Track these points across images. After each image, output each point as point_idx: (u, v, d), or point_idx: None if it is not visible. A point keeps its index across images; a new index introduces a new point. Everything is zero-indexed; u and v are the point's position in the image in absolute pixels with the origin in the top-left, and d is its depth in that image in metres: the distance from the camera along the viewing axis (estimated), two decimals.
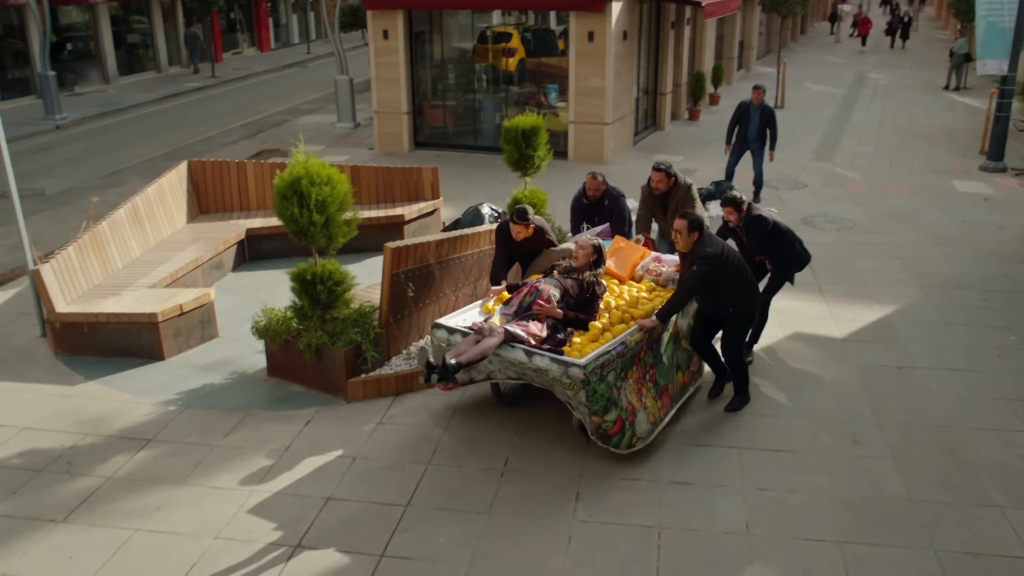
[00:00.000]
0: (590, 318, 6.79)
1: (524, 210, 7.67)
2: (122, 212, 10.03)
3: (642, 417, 6.49)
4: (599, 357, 6.17)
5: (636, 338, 6.54)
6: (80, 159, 17.93)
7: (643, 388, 6.62)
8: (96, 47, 27.54)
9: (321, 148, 17.96)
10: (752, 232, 7.65)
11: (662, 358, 6.92)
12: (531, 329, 6.43)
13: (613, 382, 6.29)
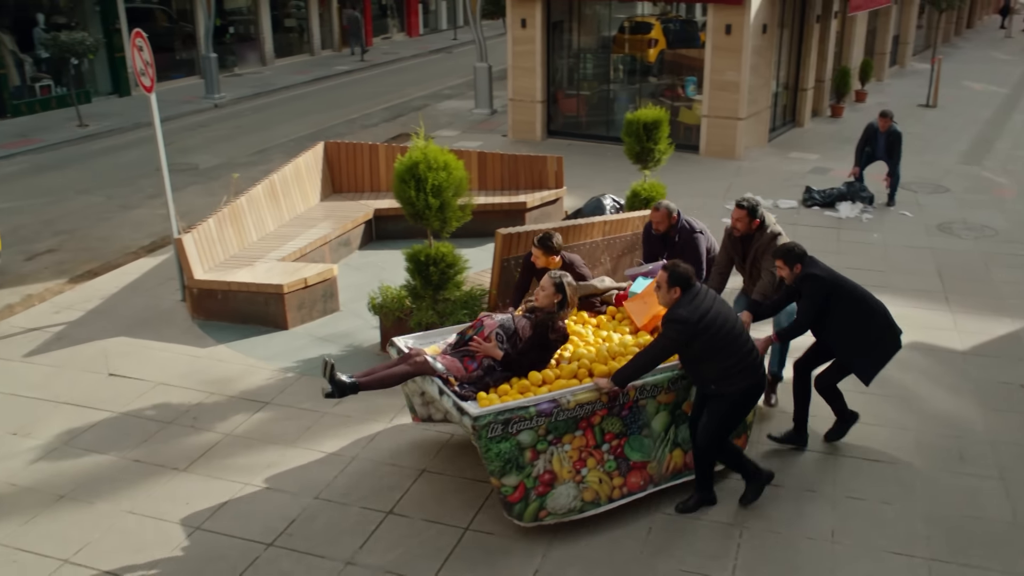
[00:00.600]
0: (535, 365, 5.97)
1: (547, 237, 7.04)
2: (260, 188, 10.66)
3: (565, 491, 5.66)
4: (503, 412, 5.41)
5: (582, 399, 5.62)
6: (233, 136, 19.02)
7: (589, 459, 5.75)
8: (256, 31, 29.01)
9: (456, 133, 18.41)
10: (805, 295, 6.29)
11: (642, 429, 5.92)
12: (454, 364, 5.87)
13: (529, 443, 5.51)
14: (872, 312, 6.33)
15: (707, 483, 5.98)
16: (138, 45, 8.92)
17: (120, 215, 13.32)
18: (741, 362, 5.60)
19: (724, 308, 5.67)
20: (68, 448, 6.86)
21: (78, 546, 5.72)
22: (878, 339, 6.37)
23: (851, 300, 6.29)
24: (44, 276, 10.79)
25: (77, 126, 19.44)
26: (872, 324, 6.32)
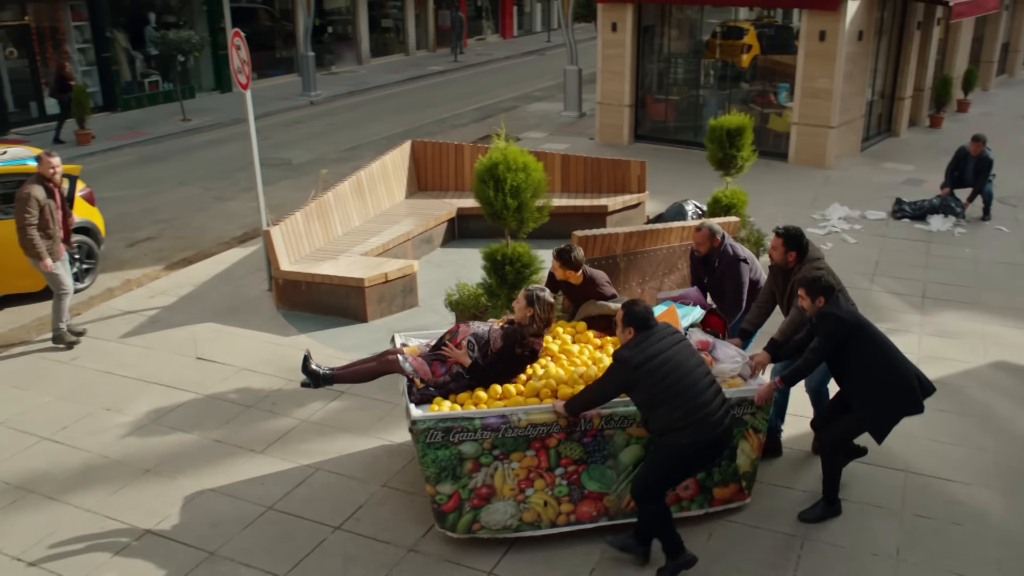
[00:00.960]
0: (501, 378, 5.86)
1: (566, 250, 6.74)
2: (347, 185, 10.98)
3: (502, 508, 5.58)
4: (445, 420, 5.37)
5: (536, 419, 5.44)
6: (326, 133, 19.55)
7: (538, 480, 5.58)
8: (353, 31, 29.71)
9: (544, 135, 18.54)
10: (820, 334, 5.67)
11: (606, 460, 5.65)
12: (423, 367, 5.88)
13: (472, 455, 5.44)
14: (894, 364, 5.66)
15: (645, 535, 5.56)
16: (236, 44, 9.31)
17: (216, 206, 13.87)
18: (691, 415, 5.07)
19: (682, 356, 5.18)
20: (155, 426, 7.23)
21: (159, 518, 6.04)
22: (897, 394, 5.66)
23: (873, 346, 5.63)
24: (143, 262, 11.34)
25: (181, 120, 20.29)
26: (892, 376, 5.63)
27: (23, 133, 18.72)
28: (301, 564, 5.60)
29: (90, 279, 10.39)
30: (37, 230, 8.15)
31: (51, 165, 8.23)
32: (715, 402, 5.18)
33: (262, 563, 5.61)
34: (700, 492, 5.87)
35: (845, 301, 5.96)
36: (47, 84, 20.05)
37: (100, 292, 10.23)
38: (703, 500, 5.90)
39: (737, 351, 6.11)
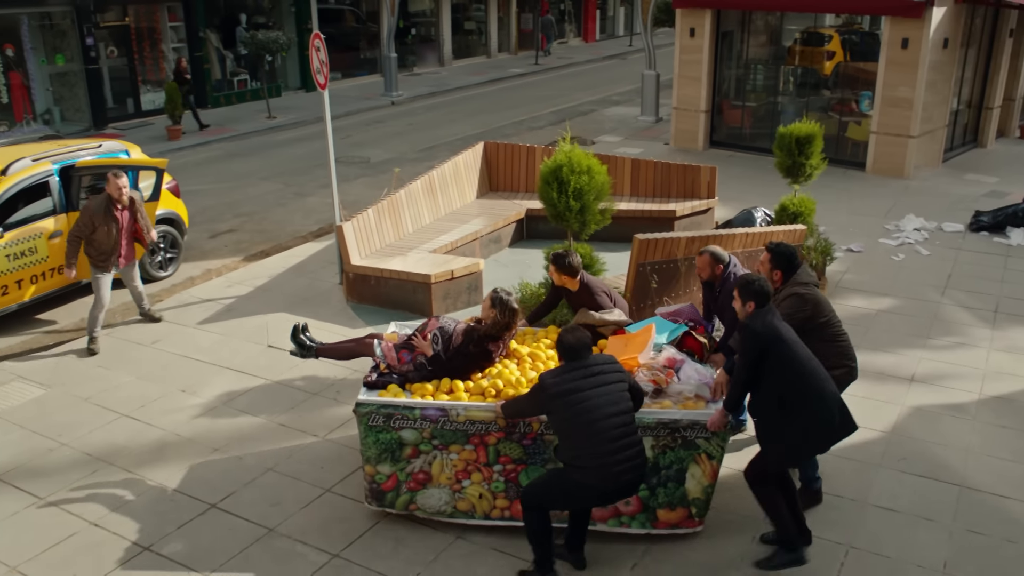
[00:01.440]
0: (457, 373, 6.01)
1: (561, 255, 6.68)
2: (419, 183, 11.26)
3: (437, 494, 5.83)
4: (387, 407, 5.63)
5: (474, 415, 5.60)
6: (405, 133, 19.97)
7: (475, 473, 5.78)
8: (436, 32, 30.20)
9: (619, 139, 18.60)
10: (739, 349, 5.35)
11: (545, 463, 5.72)
12: (391, 353, 6.14)
13: (412, 442, 5.69)
14: (810, 391, 5.17)
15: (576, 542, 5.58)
16: (316, 46, 9.67)
17: (294, 201, 14.34)
18: (592, 460, 4.97)
19: (602, 400, 5.01)
20: (226, 408, 7.60)
21: (224, 494, 6.37)
22: (803, 426, 5.20)
23: (790, 370, 5.15)
24: (223, 253, 11.82)
25: (266, 118, 20.97)
26: (803, 405, 5.16)
27: (119, 128, 19.62)
28: (353, 544, 5.85)
29: (173, 267, 10.91)
30: (85, 243, 8.61)
31: (118, 187, 8.52)
32: (623, 454, 5.00)
33: (317, 542, 5.88)
34: (643, 511, 5.79)
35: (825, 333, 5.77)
36: (142, 81, 20.99)
37: (182, 280, 10.73)
38: (645, 519, 5.82)
39: (702, 373, 5.92)
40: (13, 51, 18.82)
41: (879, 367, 8.25)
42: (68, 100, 20.04)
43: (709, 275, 6.71)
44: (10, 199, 9.31)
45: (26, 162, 9.58)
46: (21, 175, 9.45)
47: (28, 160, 9.63)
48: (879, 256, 11.28)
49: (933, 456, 6.85)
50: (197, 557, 5.75)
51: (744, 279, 5.36)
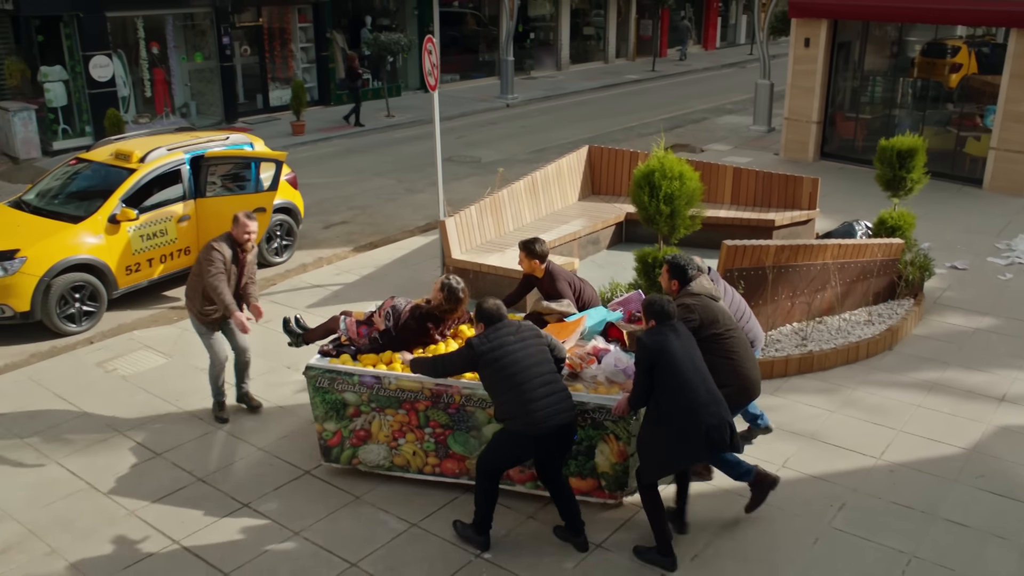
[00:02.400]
0: (400, 346, 6.58)
1: (530, 240, 7.13)
2: (521, 184, 11.66)
3: (376, 450, 6.54)
4: (331, 372, 6.41)
5: (404, 384, 6.27)
6: (517, 135, 20.45)
7: (409, 434, 6.43)
8: (554, 37, 30.65)
9: (728, 148, 18.59)
10: (636, 357, 5.71)
11: (470, 430, 6.31)
12: (352, 328, 6.81)
13: (353, 403, 6.42)
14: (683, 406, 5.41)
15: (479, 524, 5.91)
16: (428, 49, 10.18)
17: (405, 197, 14.97)
18: (520, 408, 5.49)
19: (524, 354, 5.59)
20: None
21: (318, 462, 6.89)
22: (671, 440, 5.48)
23: (669, 383, 5.43)
24: (334, 243, 12.51)
25: (385, 116, 21.81)
26: (674, 418, 5.43)
27: (248, 122, 20.78)
28: (431, 517, 6.27)
29: (288, 254, 11.65)
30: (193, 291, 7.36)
31: (246, 229, 7.30)
32: (546, 400, 5.53)
33: (399, 511, 6.33)
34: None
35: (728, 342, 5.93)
36: (271, 79, 22.16)
37: (295, 267, 11.44)
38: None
39: (624, 362, 6.28)
40: (158, 49, 20.21)
41: (968, 385, 8.17)
42: (204, 95, 21.35)
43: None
44: (146, 184, 10.17)
45: (162, 151, 10.44)
46: (157, 163, 10.31)
47: (163, 149, 10.49)
48: (985, 275, 11.04)
49: (1014, 476, 6.80)
50: (289, 516, 6.29)
51: (648, 300, 5.75)
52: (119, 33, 19.46)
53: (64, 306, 9.47)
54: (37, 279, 9.21)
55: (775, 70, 20.49)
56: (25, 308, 9.24)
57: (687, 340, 5.59)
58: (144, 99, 20.22)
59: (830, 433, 7.36)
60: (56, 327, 9.45)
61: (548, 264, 7.25)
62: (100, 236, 9.73)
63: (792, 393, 8.01)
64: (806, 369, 8.40)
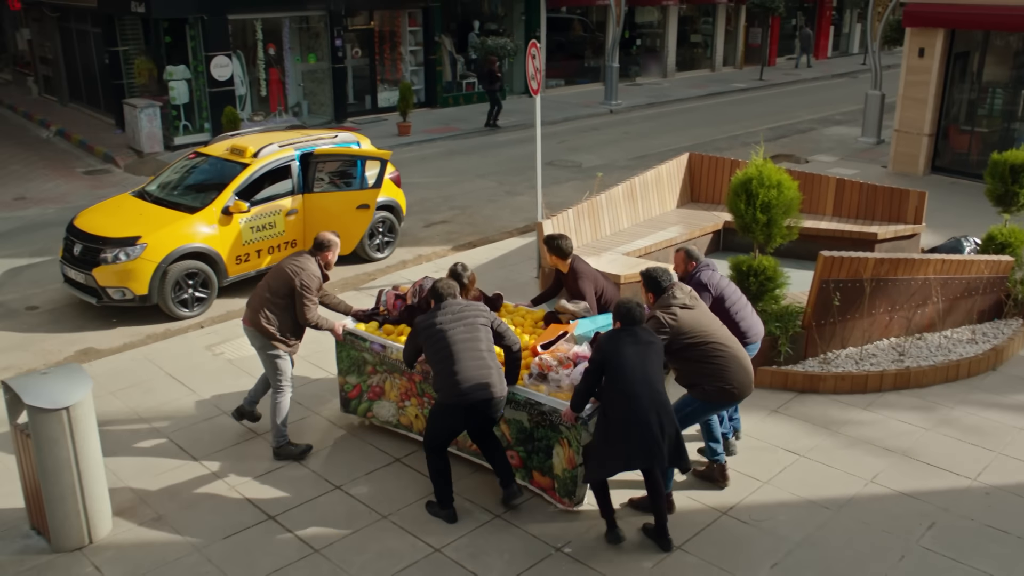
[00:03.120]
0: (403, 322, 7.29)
1: (554, 236, 7.38)
2: (619, 189, 11.73)
3: (388, 407, 7.24)
4: (357, 336, 7.19)
5: (398, 357, 6.86)
6: (618, 141, 20.48)
7: (412, 399, 7.05)
8: (661, 44, 30.50)
9: (834, 159, 18.22)
10: (590, 356, 6.15)
11: None
12: (391, 300, 7.49)
13: (371, 363, 7.16)
14: (625, 411, 5.57)
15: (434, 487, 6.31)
16: (532, 54, 10.36)
17: (505, 199, 15.21)
18: (447, 379, 5.97)
19: (457, 330, 6.02)
20: None
21: (409, 451, 7.11)
22: (613, 441, 5.63)
23: (616, 387, 5.62)
24: (434, 241, 12.83)
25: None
26: (617, 422, 5.60)
27: (356, 122, 21.41)
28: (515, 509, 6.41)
29: (389, 250, 12.01)
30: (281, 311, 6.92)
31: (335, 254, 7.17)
32: (469, 374, 5.91)
33: (484, 502, 6.51)
34: (523, 467, 6.57)
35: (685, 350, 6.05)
36: (380, 80, 22.77)
37: (395, 263, 11.78)
38: (525, 474, 6.58)
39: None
40: (274, 50, 21.04)
41: None
42: (315, 95, 22.10)
43: (683, 271, 7.06)
44: (258, 179, 10.66)
45: (273, 147, 10.92)
46: (269, 158, 10.79)
47: (275, 146, 10.97)
48: None
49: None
50: (379, 500, 6.54)
51: (618, 302, 5.92)
52: (239, 35, 20.33)
53: (178, 291, 10.01)
54: (155, 265, 9.77)
55: (887, 81, 19.98)
56: (143, 292, 9.81)
57: (645, 348, 5.71)
58: (259, 98, 21.06)
59: (923, 451, 7.20)
60: (170, 311, 10.00)
61: (573, 261, 7.44)
62: (214, 226, 10.25)
63: (886, 409, 7.87)
64: (902, 385, 8.23)
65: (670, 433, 5.62)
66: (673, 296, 6.21)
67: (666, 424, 5.60)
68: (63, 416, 5.75)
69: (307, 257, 6.98)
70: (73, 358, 9.23)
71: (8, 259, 12.34)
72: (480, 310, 6.20)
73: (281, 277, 6.89)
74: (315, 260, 6.98)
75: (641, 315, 5.79)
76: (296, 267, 6.87)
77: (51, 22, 24.41)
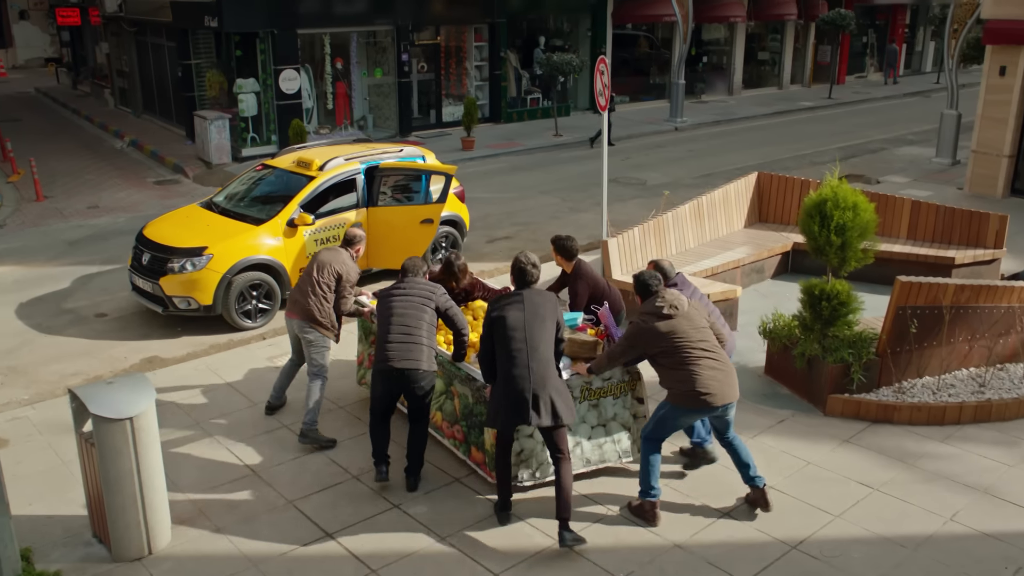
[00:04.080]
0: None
1: (559, 238, 7.55)
2: (687, 208, 11.51)
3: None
4: (359, 303, 7.79)
5: None
6: (684, 159, 20.22)
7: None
8: (727, 61, 30.15)
9: (907, 180, 17.71)
10: None
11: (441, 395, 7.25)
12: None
13: (373, 331, 7.60)
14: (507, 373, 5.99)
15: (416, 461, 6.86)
16: (600, 70, 10.24)
17: (569, 216, 15.07)
18: (376, 347, 6.56)
19: (397, 304, 6.59)
20: None
21: (467, 473, 6.99)
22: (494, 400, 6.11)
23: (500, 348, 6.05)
24: (496, 257, 12.74)
25: (553, 135, 22.05)
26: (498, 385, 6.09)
27: (420, 136, 21.52)
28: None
29: None
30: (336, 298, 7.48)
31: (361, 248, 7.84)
32: (397, 345, 6.45)
33: (545, 528, 6.34)
34: (464, 442, 6.92)
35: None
36: (445, 95, 22.88)
37: None
38: (466, 449, 6.91)
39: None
40: (341, 64, 21.28)
41: None
42: (380, 109, 22.28)
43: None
44: (323, 192, 10.70)
45: (339, 160, 10.96)
46: (334, 171, 10.83)
47: (341, 159, 11.01)
48: None
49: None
50: (438, 520, 6.43)
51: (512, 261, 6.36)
52: (307, 49, 20.61)
53: (242, 302, 10.08)
54: (220, 275, 9.85)
55: (963, 100, 19.39)
56: (208, 302, 9.89)
57: (532, 312, 6.03)
58: (325, 111, 21.30)
59: (1007, 489, 6.85)
60: (234, 322, 10.06)
61: (577, 263, 7.57)
62: (278, 238, 10.30)
63: (965, 442, 7.51)
64: (983, 418, 7.87)
65: (545, 398, 5.91)
66: (654, 304, 6.23)
67: (538, 388, 5.90)
68: (127, 426, 5.76)
69: (344, 251, 7.60)
70: (138, 366, 9.33)
71: (80, 266, 12.59)
72: (430, 292, 6.69)
73: (326, 269, 7.43)
74: (349, 255, 7.60)
75: (533, 277, 6.21)
76: (340, 261, 7.48)
77: (128, 36, 25.08)
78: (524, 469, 6.57)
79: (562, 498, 6.01)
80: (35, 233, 14.44)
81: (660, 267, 6.87)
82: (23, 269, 12.51)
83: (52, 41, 40.98)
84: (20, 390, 8.81)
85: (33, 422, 7.95)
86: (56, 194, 17.01)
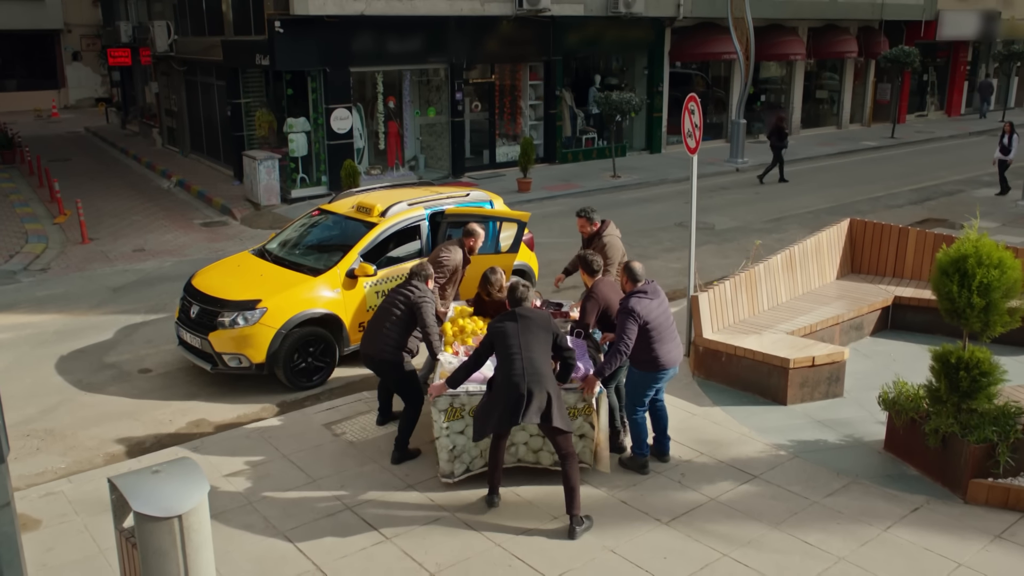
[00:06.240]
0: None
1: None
2: (778, 258, 10.53)
3: None
4: None
5: None
6: (750, 202, 19.23)
7: None
8: (786, 100, 29.18)
9: (995, 226, 16.57)
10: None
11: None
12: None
13: None
14: (503, 376, 6.47)
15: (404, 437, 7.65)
16: (690, 109, 9.34)
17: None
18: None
19: (386, 300, 7.71)
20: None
21: (563, 570, 6.03)
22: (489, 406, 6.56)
23: (499, 356, 6.59)
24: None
25: (610, 176, 21.20)
26: (494, 388, 6.57)
27: (473, 177, 20.75)
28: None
29: None
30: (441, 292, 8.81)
31: (475, 242, 9.23)
32: (369, 331, 7.76)
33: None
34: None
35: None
36: (499, 135, 22.13)
37: None
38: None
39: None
40: (394, 103, 20.64)
41: None
42: (432, 149, 21.59)
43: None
44: (385, 239, 9.88)
45: (403, 206, 10.14)
46: (397, 218, 10.01)
47: (404, 204, 10.18)
48: None
49: None
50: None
51: (510, 286, 6.89)
52: (359, 87, 20.01)
53: (297, 360, 9.24)
54: (275, 331, 9.03)
55: None
56: (260, 360, 9.06)
57: (526, 325, 6.56)
58: (377, 151, 20.65)
59: None
60: (287, 381, 9.23)
61: (595, 282, 7.77)
62: (337, 290, 9.48)
63: None
64: None
65: (540, 401, 6.34)
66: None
67: (535, 391, 6.34)
68: (174, 525, 4.86)
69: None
70: (184, 429, 8.52)
71: (125, 315, 11.88)
72: (409, 293, 7.58)
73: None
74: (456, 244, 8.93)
75: (524, 296, 6.77)
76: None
77: (178, 75, 24.77)
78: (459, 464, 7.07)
79: (570, 494, 6.45)
80: (79, 278, 13.80)
81: (631, 269, 7.40)
82: (65, 318, 11.82)
83: (103, 81, 41.14)
84: (57, 457, 8.02)
85: (69, 498, 7.11)
86: (102, 235, 16.44)
